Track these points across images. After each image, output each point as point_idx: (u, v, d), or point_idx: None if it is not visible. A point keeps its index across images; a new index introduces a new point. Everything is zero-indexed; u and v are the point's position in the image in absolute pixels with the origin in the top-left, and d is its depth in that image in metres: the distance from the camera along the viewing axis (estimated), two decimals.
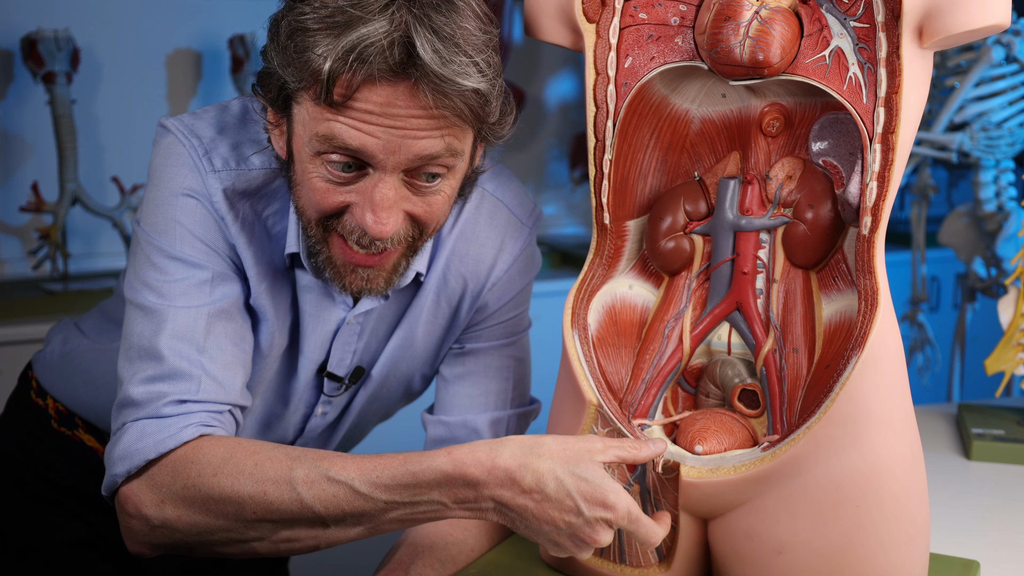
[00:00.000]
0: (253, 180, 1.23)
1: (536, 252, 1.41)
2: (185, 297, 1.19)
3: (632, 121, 1.23)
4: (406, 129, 1.10)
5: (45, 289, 2.70)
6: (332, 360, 1.33)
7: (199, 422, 1.15)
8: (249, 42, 2.86)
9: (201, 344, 1.18)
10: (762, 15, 1.11)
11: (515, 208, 1.37)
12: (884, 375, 1.11)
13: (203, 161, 1.21)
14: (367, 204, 1.13)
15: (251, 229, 1.24)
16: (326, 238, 1.18)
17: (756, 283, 1.23)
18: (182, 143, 1.22)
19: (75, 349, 1.47)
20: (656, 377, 1.25)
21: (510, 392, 1.40)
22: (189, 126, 1.23)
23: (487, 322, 1.38)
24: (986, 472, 1.69)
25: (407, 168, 1.13)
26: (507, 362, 1.40)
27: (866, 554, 1.12)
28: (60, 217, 2.71)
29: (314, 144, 1.13)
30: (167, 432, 1.14)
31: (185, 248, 1.20)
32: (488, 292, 1.36)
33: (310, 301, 1.29)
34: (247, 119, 1.26)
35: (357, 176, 1.14)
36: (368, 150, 1.11)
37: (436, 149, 1.12)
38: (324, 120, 1.11)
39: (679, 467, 1.17)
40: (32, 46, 2.63)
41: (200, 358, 1.17)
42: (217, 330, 1.19)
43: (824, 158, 1.21)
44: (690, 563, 1.21)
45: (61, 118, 2.67)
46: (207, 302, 1.19)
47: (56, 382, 1.49)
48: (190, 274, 1.20)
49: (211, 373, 1.17)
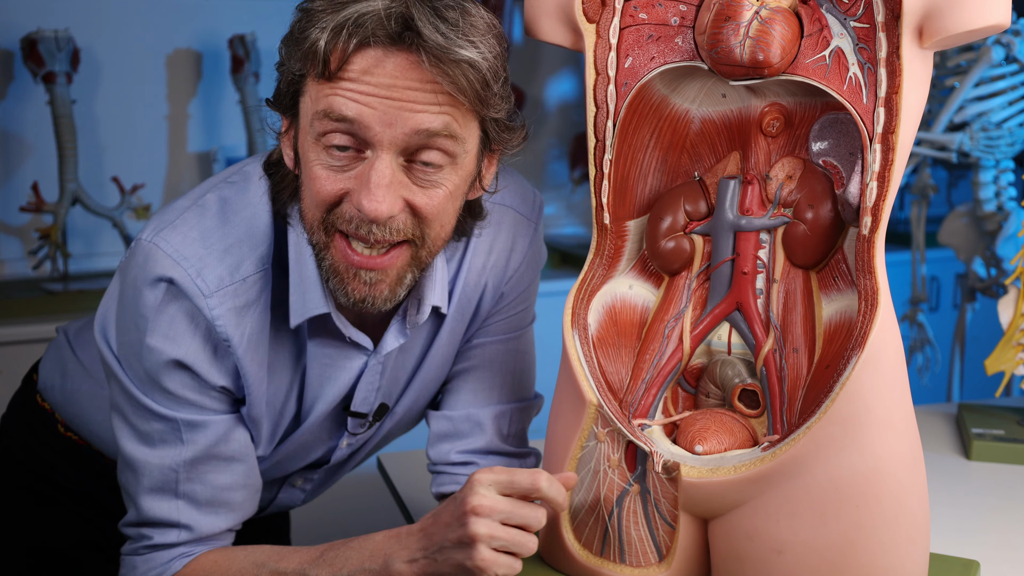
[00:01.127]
0: (251, 289, 1.22)
1: (542, 245, 1.42)
2: (161, 447, 1.24)
3: (632, 121, 1.23)
4: (403, 101, 1.10)
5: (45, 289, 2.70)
6: (356, 399, 1.33)
7: (181, 554, 1.26)
8: (249, 42, 2.86)
9: (178, 491, 1.25)
10: (762, 15, 1.11)
11: (519, 207, 1.37)
12: (884, 375, 1.11)
13: (197, 284, 1.19)
14: (364, 185, 1.13)
15: (259, 334, 1.23)
16: (328, 242, 1.17)
17: (756, 283, 1.23)
18: (171, 276, 1.19)
19: (76, 390, 1.45)
20: (656, 377, 1.25)
21: (513, 385, 1.40)
22: (177, 249, 1.20)
23: (497, 316, 1.38)
24: (986, 472, 1.69)
25: (405, 147, 1.12)
26: (512, 356, 1.40)
27: (866, 554, 1.12)
28: (60, 217, 2.71)
29: (315, 126, 1.13)
30: (152, 568, 1.25)
31: (154, 399, 1.23)
32: (506, 286, 1.37)
33: (326, 355, 1.29)
34: (226, 213, 1.23)
35: (355, 159, 1.13)
36: (364, 120, 1.11)
37: (434, 125, 1.12)
38: (324, 96, 1.12)
39: (679, 467, 1.17)
40: (32, 46, 2.63)
41: (177, 504, 1.25)
42: (193, 474, 1.25)
43: (824, 158, 1.21)
44: (690, 563, 1.21)
45: (61, 118, 2.67)
46: (179, 452, 1.24)
47: (64, 413, 1.48)
48: (161, 425, 1.23)
49: (187, 516, 1.25)
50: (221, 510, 1.26)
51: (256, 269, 1.22)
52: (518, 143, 1.22)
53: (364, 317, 1.28)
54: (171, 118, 3.01)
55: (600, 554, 1.24)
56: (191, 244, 1.20)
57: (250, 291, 1.21)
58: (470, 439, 1.37)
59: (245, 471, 1.27)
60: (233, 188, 1.24)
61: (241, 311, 1.21)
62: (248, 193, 1.24)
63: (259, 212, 1.23)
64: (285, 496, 1.44)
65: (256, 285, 1.22)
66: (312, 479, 1.45)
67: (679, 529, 1.19)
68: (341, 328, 1.25)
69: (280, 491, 1.43)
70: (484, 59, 1.12)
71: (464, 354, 1.39)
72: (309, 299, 1.22)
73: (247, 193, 1.24)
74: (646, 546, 1.21)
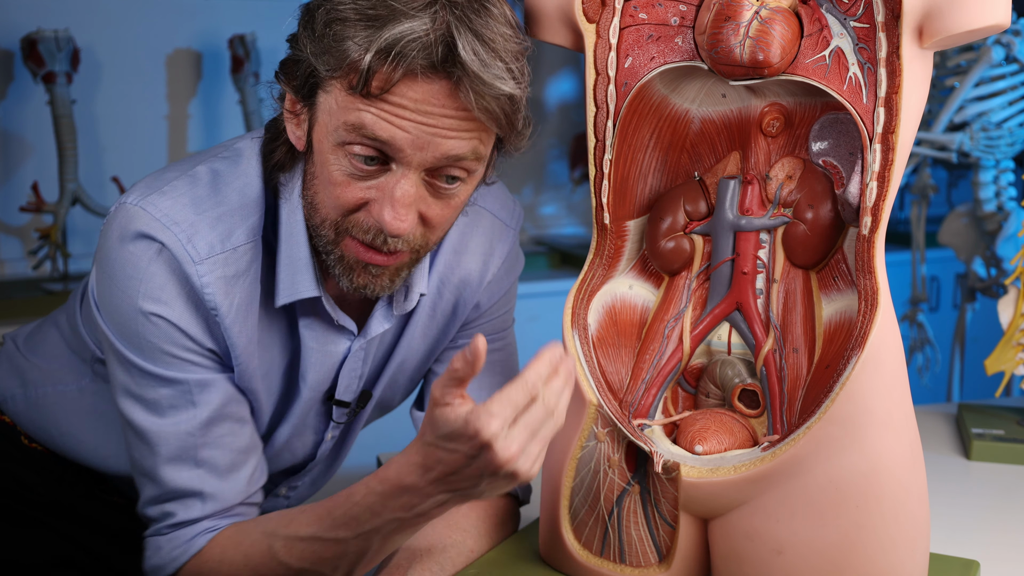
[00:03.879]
0: (241, 259, 1.21)
1: (519, 251, 1.44)
2: (172, 413, 1.21)
3: (632, 121, 1.23)
4: (437, 128, 1.11)
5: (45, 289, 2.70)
6: (340, 387, 1.33)
7: (205, 529, 1.23)
8: (249, 42, 2.86)
9: (197, 458, 1.22)
10: (762, 15, 1.11)
11: (498, 212, 1.39)
12: (884, 375, 1.11)
13: (187, 249, 1.18)
14: (387, 200, 1.13)
15: (247, 306, 1.23)
16: (339, 240, 1.18)
17: (756, 283, 1.23)
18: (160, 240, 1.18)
19: (42, 395, 1.42)
20: (656, 377, 1.25)
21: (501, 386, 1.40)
22: (167, 213, 1.19)
23: (479, 320, 1.39)
24: (986, 472, 1.69)
25: (430, 167, 1.13)
26: (497, 356, 1.41)
27: (866, 554, 1.12)
28: (60, 217, 2.71)
29: (340, 133, 1.13)
30: (177, 547, 1.23)
31: (159, 364, 1.21)
32: (482, 293, 1.38)
33: (314, 337, 1.29)
34: (218, 184, 1.23)
35: (379, 171, 1.14)
36: (397, 143, 1.11)
37: (463, 151, 1.13)
38: (355, 109, 1.11)
39: (679, 467, 1.17)
40: (32, 46, 2.63)
41: (198, 472, 1.22)
42: (210, 438, 1.22)
43: (824, 158, 1.21)
44: (690, 563, 1.21)
45: (61, 118, 2.67)
46: (193, 415, 1.21)
47: (29, 424, 1.44)
48: (171, 390, 1.21)
49: (210, 485, 1.23)
50: (242, 475, 1.24)
51: (247, 239, 1.22)
52: (524, 145, 1.23)
53: (346, 301, 1.29)
54: (171, 118, 3.01)
55: (600, 554, 1.24)
56: (182, 210, 1.19)
57: (240, 261, 1.21)
58: None
59: (253, 434, 1.26)
60: (225, 162, 1.24)
61: (231, 280, 1.20)
62: (240, 167, 1.24)
63: (251, 183, 1.23)
64: (269, 506, 1.44)
65: (247, 255, 1.22)
66: (296, 487, 1.45)
67: (679, 529, 1.19)
68: (330, 312, 1.26)
69: (264, 501, 1.43)
70: (518, 87, 1.13)
71: (448, 356, 1.39)
72: (299, 281, 1.23)
73: (239, 167, 1.24)
74: (646, 546, 1.21)
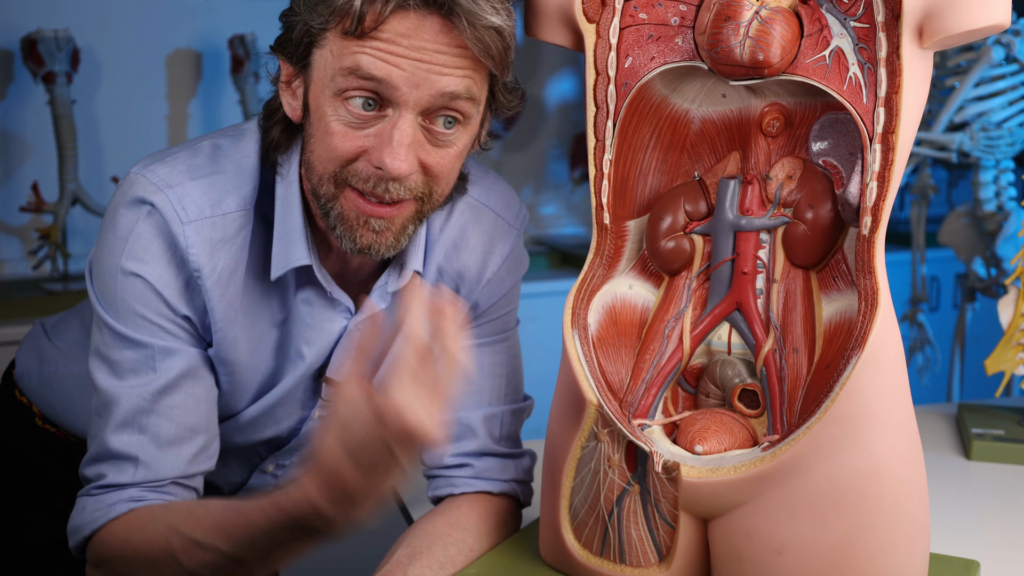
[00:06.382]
0: (229, 225, 1.23)
1: (524, 252, 1.44)
2: (131, 377, 1.23)
3: (632, 121, 1.23)
4: (431, 64, 1.13)
5: (45, 289, 2.70)
6: (332, 365, 1.33)
7: (130, 498, 1.21)
8: (249, 42, 2.86)
9: (142, 424, 1.22)
10: (762, 15, 1.11)
11: (501, 211, 1.39)
12: (884, 375, 1.11)
13: (176, 210, 1.21)
14: (385, 143, 1.15)
15: (231, 273, 1.24)
16: (338, 194, 1.19)
17: (756, 283, 1.23)
18: (151, 201, 1.21)
19: (54, 372, 1.46)
20: (656, 377, 1.25)
21: (503, 388, 1.40)
22: (163, 178, 1.22)
23: (479, 320, 1.39)
24: (986, 472, 1.69)
25: (426, 108, 1.15)
26: (499, 358, 1.41)
27: (866, 554, 1.12)
28: (60, 217, 2.71)
29: (337, 81, 1.15)
30: (98, 509, 1.21)
31: (129, 326, 1.22)
32: (480, 292, 1.38)
33: (310, 313, 1.30)
34: (217, 156, 1.26)
35: (376, 117, 1.16)
36: (392, 80, 1.13)
37: (458, 88, 1.15)
38: (351, 53, 1.14)
39: (679, 467, 1.17)
40: (32, 46, 2.63)
41: (140, 438, 1.22)
42: (160, 407, 1.23)
43: (824, 158, 1.21)
44: (690, 563, 1.21)
45: (61, 118, 2.67)
46: (150, 380, 1.22)
47: (40, 401, 1.49)
48: (135, 353, 1.23)
49: (147, 453, 1.22)
50: (184, 451, 1.24)
51: (238, 207, 1.24)
52: (516, 105, 1.26)
53: (345, 280, 1.30)
54: (171, 118, 3.01)
55: (600, 554, 1.24)
56: (177, 175, 1.23)
57: (229, 227, 1.23)
58: (462, 442, 1.37)
59: (208, 416, 1.27)
60: (229, 139, 1.28)
61: (217, 245, 1.22)
62: (241, 143, 1.27)
63: (248, 156, 1.26)
64: (256, 482, 1.44)
65: (236, 223, 1.23)
66: (284, 465, 1.44)
67: (679, 529, 1.19)
68: (323, 283, 1.27)
69: (251, 477, 1.43)
70: (507, 25, 1.16)
71: None
72: (292, 250, 1.24)
73: (240, 143, 1.27)
74: (646, 546, 1.21)
